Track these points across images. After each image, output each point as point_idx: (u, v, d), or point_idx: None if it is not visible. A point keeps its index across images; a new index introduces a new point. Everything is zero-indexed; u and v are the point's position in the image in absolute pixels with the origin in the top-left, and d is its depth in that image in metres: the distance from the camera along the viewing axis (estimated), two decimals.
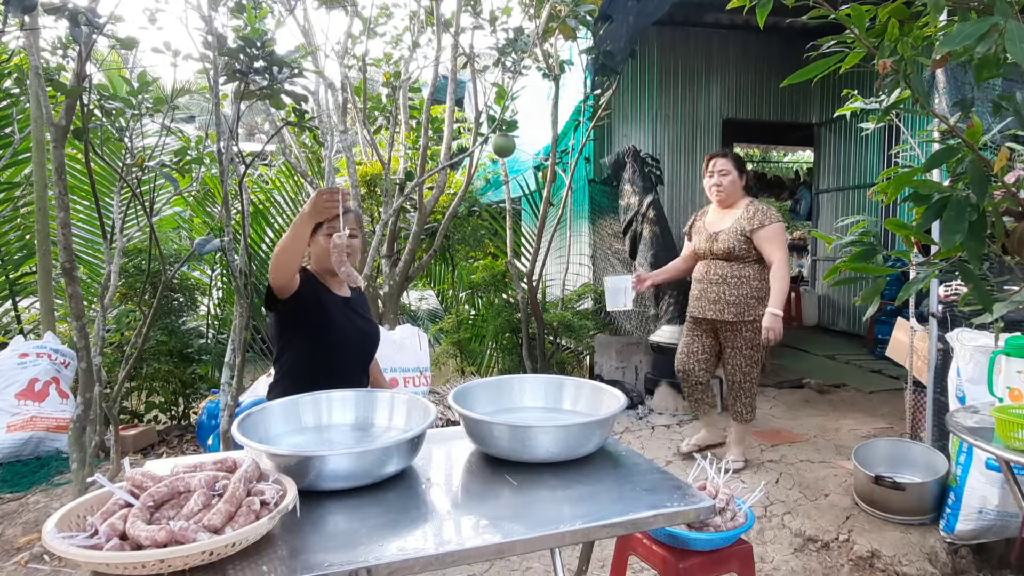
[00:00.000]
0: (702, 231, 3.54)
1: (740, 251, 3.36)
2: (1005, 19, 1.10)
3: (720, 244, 3.41)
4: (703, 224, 3.58)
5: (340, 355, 2.26)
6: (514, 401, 2.02)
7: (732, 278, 3.40)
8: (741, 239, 3.35)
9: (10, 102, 4.92)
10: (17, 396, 4.02)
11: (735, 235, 3.37)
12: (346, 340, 2.28)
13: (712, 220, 3.56)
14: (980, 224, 1.28)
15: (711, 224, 3.54)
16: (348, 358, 2.30)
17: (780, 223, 3.36)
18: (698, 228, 3.60)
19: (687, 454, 3.87)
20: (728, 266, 3.41)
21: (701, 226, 3.58)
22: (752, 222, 3.35)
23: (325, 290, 2.29)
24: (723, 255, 3.41)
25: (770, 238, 3.32)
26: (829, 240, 1.68)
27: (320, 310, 2.22)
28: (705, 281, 3.49)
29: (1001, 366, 2.26)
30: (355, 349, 2.34)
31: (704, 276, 3.51)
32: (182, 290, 5.17)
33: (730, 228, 3.40)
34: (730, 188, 3.44)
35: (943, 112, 2.72)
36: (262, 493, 1.28)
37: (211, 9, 3.06)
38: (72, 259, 2.90)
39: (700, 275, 3.55)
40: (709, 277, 3.47)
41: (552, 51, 4.79)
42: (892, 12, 1.37)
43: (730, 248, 3.37)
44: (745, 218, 3.38)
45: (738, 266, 3.39)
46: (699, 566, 1.89)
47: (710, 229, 3.51)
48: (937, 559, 2.87)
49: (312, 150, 5.84)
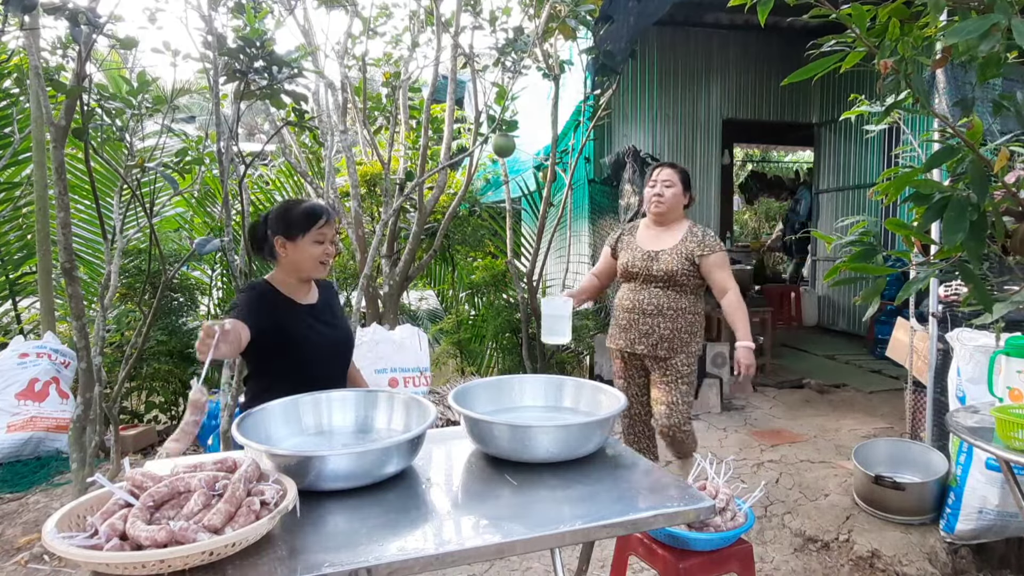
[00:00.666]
0: (634, 248, 3.09)
1: (682, 276, 2.95)
2: (1007, 17, 1.10)
3: (661, 265, 2.96)
4: (633, 240, 3.13)
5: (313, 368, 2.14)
6: (514, 401, 2.02)
7: (668, 309, 2.98)
8: (687, 263, 2.95)
9: (10, 102, 4.92)
10: (17, 396, 4.02)
11: (680, 257, 2.96)
12: (318, 351, 2.16)
13: (646, 238, 3.11)
14: (980, 224, 1.28)
15: (646, 242, 3.09)
16: (322, 368, 2.17)
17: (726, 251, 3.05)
18: (627, 244, 3.15)
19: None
20: (665, 295, 2.98)
21: (631, 242, 3.13)
22: (703, 247, 2.96)
23: (287, 304, 2.14)
24: (663, 279, 2.97)
25: (721, 265, 2.96)
26: (829, 240, 1.68)
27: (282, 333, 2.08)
28: (636, 311, 3.04)
29: (1001, 366, 2.26)
30: (328, 358, 2.22)
31: (635, 304, 3.04)
32: (182, 290, 5.17)
33: (674, 249, 2.98)
34: (672, 202, 3.04)
35: (943, 112, 2.72)
36: (262, 493, 1.28)
37: (211, 9, 3.06)
38: (72, 259, 2.90)
39: (630, 303, 3.07)
40: (642, 306, 3.02)
41: (552, 51, 4.79)
42: (892, 12, 1.37)
43: (673, 271, 2.94)
44: (694, 241, 2.98)
45: (675, 295, 2.99)
46: (699, 566, 1.89)
47: (645, 247, 3.06)
48: (937, 559, 2.87)
49: (312, 150, 5.84)
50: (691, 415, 3.14)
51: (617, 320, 3.15)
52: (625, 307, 3.09)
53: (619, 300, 3.14)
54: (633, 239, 3.14)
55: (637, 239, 3.13)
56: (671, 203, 3.04)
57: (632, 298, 3.06)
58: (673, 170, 3.09)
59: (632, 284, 3.09)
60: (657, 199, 3.04)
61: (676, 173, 3.08)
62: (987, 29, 1.10)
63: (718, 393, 5.00)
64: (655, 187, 3.05)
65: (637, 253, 3.06)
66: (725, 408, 5.01)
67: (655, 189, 3.05)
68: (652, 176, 3.11)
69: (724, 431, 4.51)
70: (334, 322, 2.27)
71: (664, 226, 3.09)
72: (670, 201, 3.04)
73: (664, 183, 3.04)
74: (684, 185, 3.08)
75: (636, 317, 3.04)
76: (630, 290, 3.09)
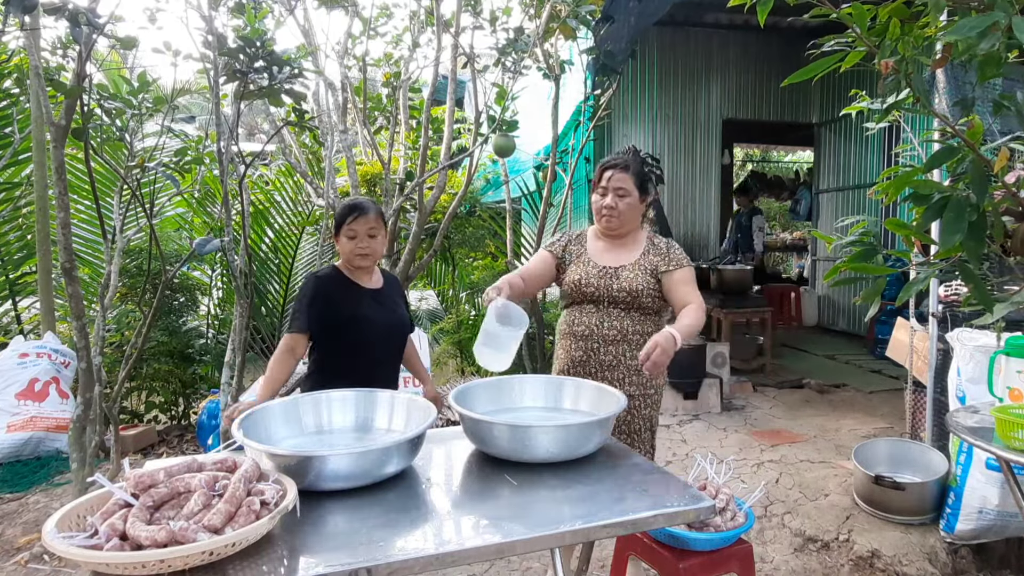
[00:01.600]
0: (586, 263, 2.48)
1: (647, 295, 2.40)
2: (1007, 16, 1.11)
3: (623, 283, 2.39)
4: (584, 253, 2.52)
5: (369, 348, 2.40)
6: (514, 401, 2.02)
7: (634, 335, 2.41)
8: (651, 280, 2.41)
9: (10, 102, 4.92)
10: (17, 396, 4.02)
11: (644, 273, 2.41)
12: (372, 328, 2.40)
13: (599, 250, 2.51)
14: (980, 224, 1.28)
15: (600, 255, 2.50)
16: (377, 349, 2.42)
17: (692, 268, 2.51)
18: (577, 256, 2.53)
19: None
20: (628, 318, 2.42)
21: (582, 255, 2.52)
22: (668, 261, 2.44)
23: (349, 286, 2.42)
24: (625, 298, 2.40)
25: (687, 280, 2.43)
26: (829, 240, 1.68)
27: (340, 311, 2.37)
28: (595, 338, 2.42)
29: (1001, 366, 2.26)
30: (382, 340, 2.45)
31: (592, 330, 2.43)
32: (182, 290, 5.17)
33: (637, 264, 2.43)
34: (627, 215, 2.43)
35: (943, 112, 2.72)
36: (262, 493, 1.28)
37: (211, 9, 3.06)
38: (72, 259, 2.90)
39: (585, 328, 2.44)
40: (602, 332, 2.42)
41: (552, 51, 4.79)
42: (892, 12, 1.37)
43: (637, 290, 2.39)
44: (657, 254, 2.46)
45: (639, 317, 2.43)
46: (699, 566, 1.89)
47: (601, 262, 2.47)
48: (937, 559, 2.87)
49: (312, 150, 5.84)
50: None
51: (568, 351, 2.49)
52: (579, 334, 2.46)
53: (567, 326, 2.51)
54: (584, 251, 2.53)
55: (589, 251, 2.52)
56: (626, 217, 2.44)
57: (587, 323, 2.44)
58: (626, 173, 2.41)
59: (584, 306, 2.48)
60: (609, 213, 2.43)
61: (632, 179, 2.42)
62: (987, 27, 1.10)
63: (718, 393, 5.00)
64: (605, 196, 2.43)
65: (592, 269, 2.45)
66: (725, 408, 5.01)
67: (606, 199, 2.43)
68: (600, 180, 2.46)
69: (724, 431, 4.51)
70: (393, 307, 2.51)
71: (619, 239, 2.51)
72: (625, 215, 2.43)
73: (617, 192, 2.41)
74: (641, 189, 2.45)
75: (595, 346, 2.43)
76: (583, 313, 2.46)
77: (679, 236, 7.14)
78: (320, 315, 2.34)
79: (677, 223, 7.29)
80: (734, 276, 6.19)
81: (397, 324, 2.51)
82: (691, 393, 4.96)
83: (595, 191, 2.49)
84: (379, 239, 2.41)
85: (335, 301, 2.36)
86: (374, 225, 2.38)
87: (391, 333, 2.49)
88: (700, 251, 7.51)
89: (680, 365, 4.99)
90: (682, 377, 4.98)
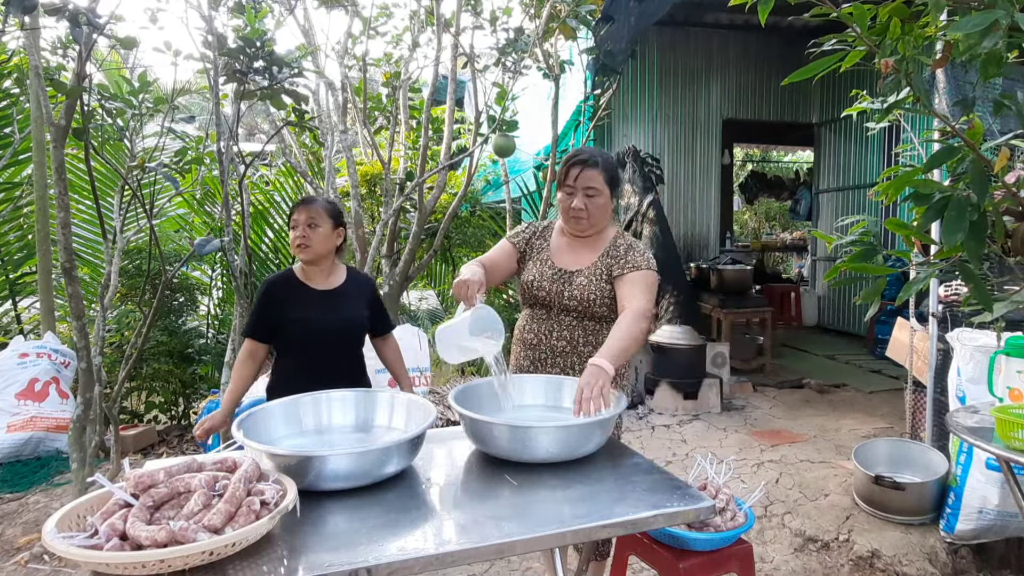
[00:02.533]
0: (544, 263, 2.27)
1: (601, 304, 2.17)
2: (1008, 14, 1.11)
3: (575, 290, 2.18)
4: (546, 250, 2.31)
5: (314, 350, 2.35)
6: (514, 401, 2.02)
7: (586, 346, 2.20)
8: (605, 286, 2.18)
9: (10, 102, 4.92)
10: (17, 396, 4.02)
11: (599, 279, 2.18)
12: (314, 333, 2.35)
13: (561, 249, 2.30)
14: (981, 224, 1.28)
15: (560, 255, 2.28)
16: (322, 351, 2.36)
17: (655, 272, 2.20)
18: (538, 253, 2.31)
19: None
20: (581, 328, 2.20)
21: (542, 251, 2.31)
22: (624, 263, 2.16)
23: (298, 288, 2.39)
24: (577, 307, 2.19)
25: (637, 281, 2.13)
26: (830, 240, 1.68)
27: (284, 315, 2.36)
28: (543, 347, 2.24)
29: (1001, 366, 2.26)
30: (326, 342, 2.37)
31: (541, 339, 2.25)
32: (182, 290, 5.17)
33: (593, 267, 2.20)
34: (597, 216, 2.19)
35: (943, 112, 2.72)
36: (262, 493, 1.28)
37: (211, 9, 3.06)
38: (72, 259, 2.90)
39: (534, 336, 2.27)
40: (550, 343, 2.23)
41: (552, 51, 4.79)
42: (892, 11, 1.37)
43: (589, 299, 2.17)
44: (614, 256, 2.20)
45: (594, 327, 2.21)
46: (699, 566, 1.89)
47: (559, 263, 2.25)
48: (937, 559, 2.87)
49: (312, 150, 5.84)
50: None
51: (517, 359, 2.32)
52: (528, 342, 2.28)
53: (519, 331, 2.35)
54: (546, 247, 2.31)
55: (551, 248, 2.31)
56: (596, 218, 2.20)
57: (536, 330, 2.26)
58: (596, 170, 2.16)
59: (536, 311, 2.28)
60: (577, 215, 2.19)
61: (603, 175, 2.17)
62: (989, 25, 1.11)
63: (718, 393, 5.00)
64: (574, 195, 2.18)
65: (547, 271, 2.24)
66: (725, 408, 5.01)
67: (574, 200, 2.18)
68: (567, 179, 2.20)
69: (724, 431, 4.51)
70: (346, 308, 2.42)
71: (584, 237, 2.28)
72: (596, 216, 2.19)
73: (586, 192, 2.17)
74: (612, 186, 2.22)
75: (543, 356, 2.24)
76: (533, 319, 2.28)
77: (679, 236, 7.14)
78: (268, 318, 2.36)
79: (677, 223, 7.29)
80: (734, 276, 6.19)
81: (345, 326, 2.42)
82: (691, 393, 4.97)
83: (561, 189, 2.22)
84: (321, 232, 2.34)
85: (279, 303, 2.35)
86: (315, 216, 2.34)
87: (337, 334, 2.40)
88: (700, 251, 7.52)
89: (680, 365, 5.00)
90: (682, 377, 4.98)
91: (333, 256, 2.45)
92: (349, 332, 2.44)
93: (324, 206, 2.39)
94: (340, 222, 2.45)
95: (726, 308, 5.99)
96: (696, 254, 7.46)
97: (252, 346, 2.40)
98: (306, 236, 2.33)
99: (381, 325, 2.58)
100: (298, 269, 2.43)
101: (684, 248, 7.27)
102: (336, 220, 2.42)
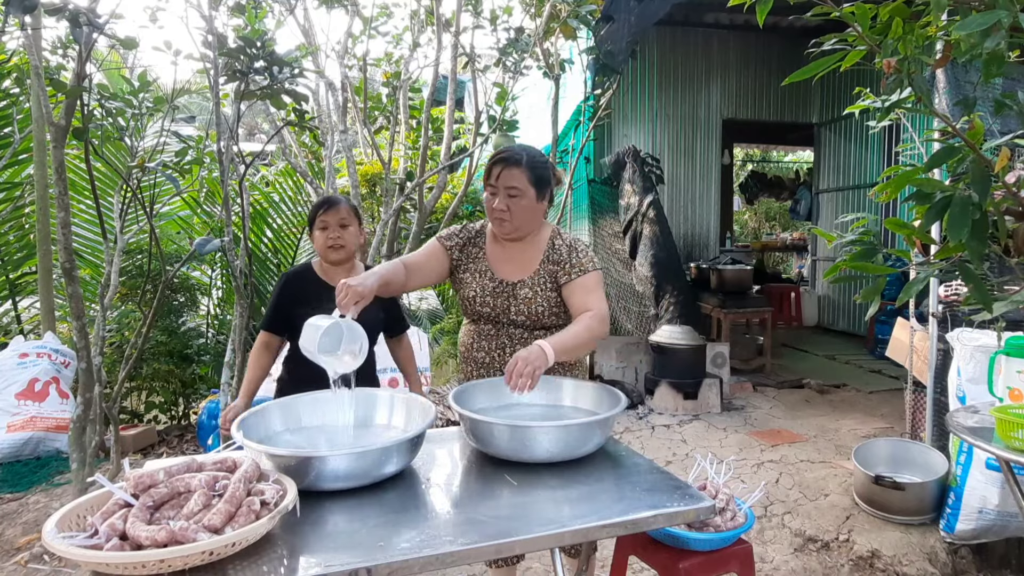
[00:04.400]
0: (483, 274, 2.12)
1: (550, 314, 2.08)
2: (1010, 15, 1.11)
3: (521, 304, 2.07)
4: (483, 258, 2.15)
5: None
6: (514, 401, 2.02)
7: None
8: (551, 295, 2.07)
9: (10, 102, 4.92)
10: (17, 396, 4.02)
11: (544, 288, 2.06)
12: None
13: (497, 256, 2.14)
14: (982, 224, 1.28)
15: (499, 264, 2.13)
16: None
17: (599, 272, 2.10)
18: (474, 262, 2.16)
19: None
20: (532, 338, 2.08)
21: (479, 260, 2.15)
22: (569, 268, 2.05)
23: (317, 285, 2.38)
24: (525, 321, 2.08)
25: (589, 286, 2.03)
26: (830, 238, 1.68)
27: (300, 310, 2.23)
28: (497, 366, 2.14)
29: (1001, 366, 2.26)
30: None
31: (495, 358, 2.14)
32: (182, 290, 5.17)
33: (535, 276, 2.07)
34: (522, 217, 2.04)
35: (943, 112, 2.72)
36: (262, 493, 1.28)
37: (211, 9, 3.06)
38: (72, 259, 2.90)
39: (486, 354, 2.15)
40: (504, 360, 2.12)
41: (553, 50, 4.79)
42: (893, 11, 1.37)
43: (537, 312, 2.07)
44: (556, 261, 2.07)
45: (544, 335, 2.06)
46: (699, 566, 1.89)
47: (500, 274, 2.11)
48: (937, 559, 2.87)
49: (312, 150, 5.84)
50: None
51: (470, 377, 2.20)
52: (480, 360, 2.17)
53: (466, 349, 2.22)
54: (482, 256, 2.16)
55: (488, 256, 2.15)
56: (521, 220, 2.05)
57: (487, 348, 2.15)
58: (517, 169, 2.00)
59: (482, 326, 2.16)
60: (500, 216, 2.04)
61: (524, 173, 2.00)
62: (991, 25, 1.11)
63: (718, 393, 5.00)
64: (496, 196, 2.04)
65: (488, 284, 2.11)
66: (725, 408, 5.01)
67: (496, 200, 2.04)
68: (490, 176, 2.05)
69: (724, 431, 4.51)
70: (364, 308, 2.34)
71: (517, 241, 2.13)
72: (520, 218, 2.04)
73: (509, 192, 2.01)
74: (538, 186, 2.04)
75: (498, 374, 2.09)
76: (482, 336, 2.15)
77: (679, 236, 7.14)
78: (286, 314, 2.34)
79: (677, 223, 7.29)
80: (734, 276, 6.19)
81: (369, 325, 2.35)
82: (691, 393, 4.97)
83: (486, 188, 2.09)
84: (351, 231, 2.38)
85: (300, 300, 2.33)
86: (345, 216, 2.36)
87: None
88: (700, 251, 7.52)
89: (680, 365, 5.00)
90: (682, 377, 4.98)
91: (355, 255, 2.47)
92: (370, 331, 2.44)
93: (349, 205, 2.41)
94: (362, 220, 2.50)
95: (726, 308, 5.99)
96: (696, 254, 7.46)
97: (267, 338, 2.41)
98: (340, 236, 2.34)
99: (396, 325, 2.59)
100: (316, 265, 2.44)
101: (684, 248, 7.27)
102: (360, 219, 2.47)
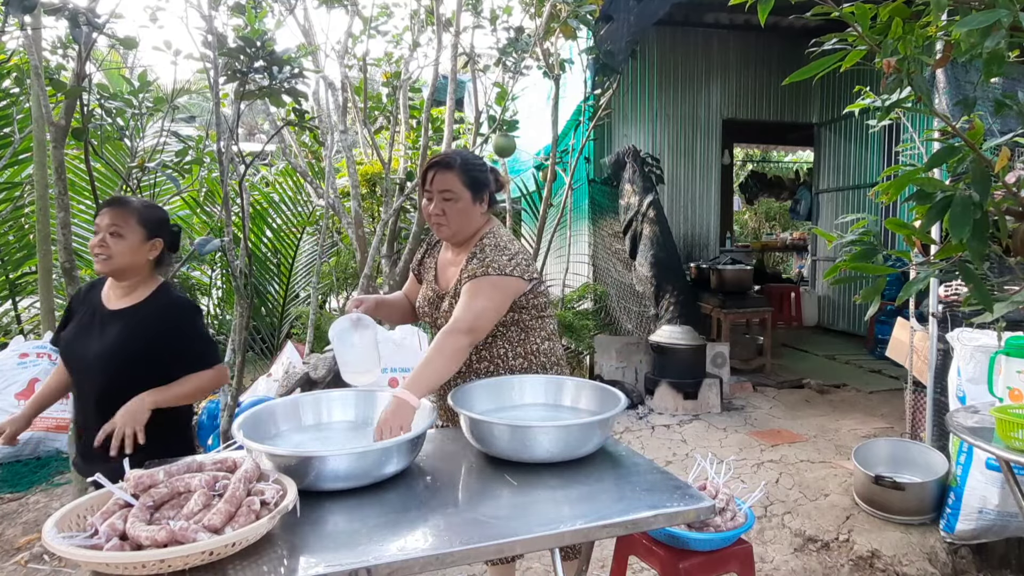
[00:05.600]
0: (429, 282, 2.18)
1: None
2: (1010, 14, 1.11)
3: (442, 315, 2.07)
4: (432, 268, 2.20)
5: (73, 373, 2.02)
6: (514, 401, 2.02)
7: (481, 361, 2.08)
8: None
9: (10, 102, 4.93)
10: (17, 396, 4.02)
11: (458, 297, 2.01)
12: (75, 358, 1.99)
13: (444, 263, 2.18)
14: (983, 224, 1.28)
15: (443, 270, 2.17)
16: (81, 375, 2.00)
17: (503, 276, 1.95)
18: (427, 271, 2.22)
19: None
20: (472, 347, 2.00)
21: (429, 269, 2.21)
22: (468, 270, 2.00)
23: (92, 305, 2.03)
24: None
25: (471, 292, 1.93)
26: (830, 238, 1.68)
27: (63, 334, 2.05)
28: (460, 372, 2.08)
29: (1001, 366, 2.26)
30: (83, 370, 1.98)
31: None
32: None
33: (457, 285, 2.04)
34: (459, 221, 2.03)
35: (944, 111, 2.72)
36: (262, 493, 1.28)
37: (211, 9, 3.06)
38: (72, 259, 2.90)
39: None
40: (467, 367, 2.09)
41: (552, 50, 4.79)
42: (893, 11, 1.37)
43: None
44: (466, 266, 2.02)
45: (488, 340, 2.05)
46: (699, 566, 1.89)
47: (437, 284, 2.17)
48: (937, 559, 2.87)
49: (312, 150, 5.84)
50: None
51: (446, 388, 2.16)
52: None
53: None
54: (433, 265, 2.19)
55: (438, 264, 2.18)
56: (457, 224, 2.03)
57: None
58: (450, 172, 2.00)
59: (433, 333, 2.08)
60: (437, 221, 2.04)
61: (459, 177, 2.00)
62: (991, 25, 1.11)
63: (718, 393, 5.00)
64: (432, 202, 2.03)
65: (428, 293, 2.15)
66: (725, 408, 5.01)
67: (433, 206, 2.03)
68: (425, 181, 2.05)
69: (724, 431, 4.51)
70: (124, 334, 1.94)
71: (460, 246, 2.11)
72: (456, 221, 2.02)
73: (443, 196, 2.01)
74: (473, 189, 2.02)
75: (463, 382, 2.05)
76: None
77: (679, 236, 7.14)
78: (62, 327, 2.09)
79: (677, 223, 7.29)
80: (734, 276, 6.19)
81: (106, 355, 1.92)
82: (691, 393, 4.97)
83: (422, 194, 2.09)
84: (126, 241, 1.91)
85: (69, 317, 2.07)
86: (119, 223, 1.91)
87: (98, 364, 1.93)
88: (700, 251, 7.52)
89: (680, 365, 5.00)
90: (682, 377, 4.99)
91: (146, 271, 2.01)
92: (111, 364, 1.92)
93: (136, 210, 1.96)
94: (157, 232, 1.99)
95: (726, 308, 5.99)
96: (696, 254, 7.46)
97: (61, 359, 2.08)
98: (105, 245, 1.90)
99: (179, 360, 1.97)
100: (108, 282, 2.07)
101: (684, 248, 7.27)
102: (151, 229, 1.98)
